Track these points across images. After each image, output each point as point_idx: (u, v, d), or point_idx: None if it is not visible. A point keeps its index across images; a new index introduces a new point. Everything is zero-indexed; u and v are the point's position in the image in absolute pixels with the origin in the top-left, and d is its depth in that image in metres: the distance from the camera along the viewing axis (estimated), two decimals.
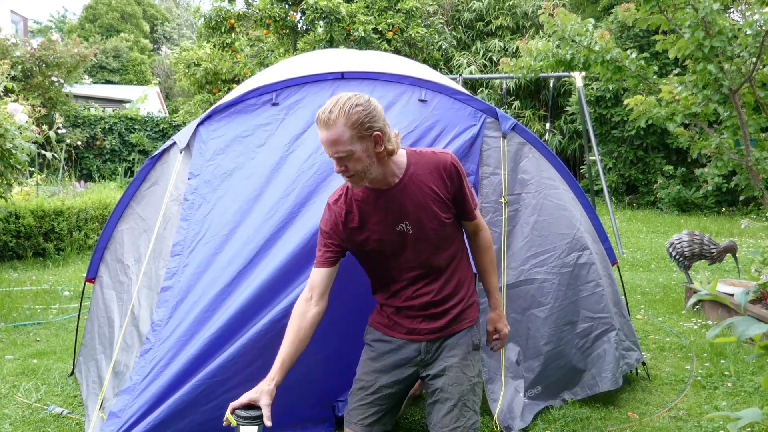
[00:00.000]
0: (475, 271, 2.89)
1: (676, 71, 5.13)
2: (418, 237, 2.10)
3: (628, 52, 4.79)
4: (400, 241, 2.11)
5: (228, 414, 1.99)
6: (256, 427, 1.98)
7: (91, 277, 3.42)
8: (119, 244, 3.25)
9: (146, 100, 20.95)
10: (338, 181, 2.72)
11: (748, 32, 4.12)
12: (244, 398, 2.01)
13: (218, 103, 3.15)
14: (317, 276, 2.16)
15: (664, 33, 4.63)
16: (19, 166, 4.99)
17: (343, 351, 2.57)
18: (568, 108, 14.22)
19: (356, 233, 2.12)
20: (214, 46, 15.23)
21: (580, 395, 3.12)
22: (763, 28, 4.06)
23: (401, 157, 2.11)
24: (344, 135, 1.92)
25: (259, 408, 2.01)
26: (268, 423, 1.98)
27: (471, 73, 14.26)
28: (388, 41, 13.14)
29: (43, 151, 6.01)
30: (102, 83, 28.84)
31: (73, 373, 3.48)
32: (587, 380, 3.13)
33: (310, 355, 2.64)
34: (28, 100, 9.93)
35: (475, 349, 2.26)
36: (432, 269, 2.15)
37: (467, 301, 2.24)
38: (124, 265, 3.11)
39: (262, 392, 2.01)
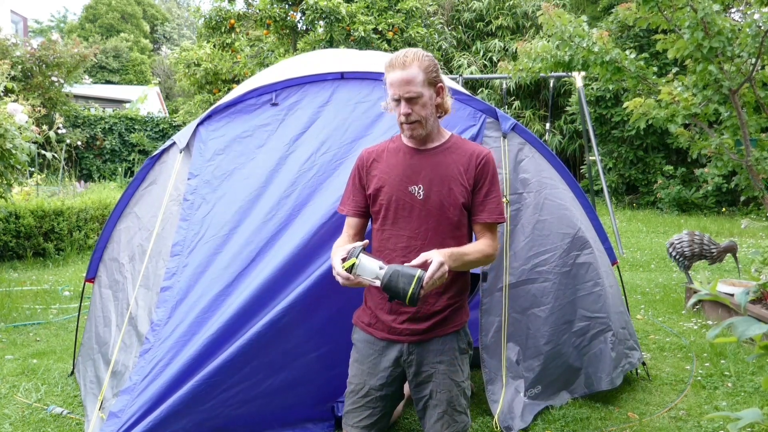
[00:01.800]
0: (478, 271, 2.90)
1: (675, 71, 5.13)
2: (425, 206, 2.11)
3: (628, 52, 4.79)
4: (406, 203, 2.12)
5: (345, 264, 1.95)
6: (362, 251, 1.98)
7: (91, 277, 3.42)
8: (116, 243, 3.25)
9: (146, 100, 20.93)
10: (338, 182, 2.72)
11: (748, 32, 4.12)
12: (343, 252, 2.00)
13: (218, 103, 3.15)
14: (352, 222, 2.26)
15: (664, 32, 4.63)
16: (19, 166, 4.99)
17: (341, 351, 2.56)
18: (568, 108, 14.21)
19: (373, 181, 2.19)
20: (214, 46, 15.23)
21: (578, 394, 3.13)
22: (762, 28, 4.06)
23: (446, 132, 2.22)
24: (418, 77, 2.05)
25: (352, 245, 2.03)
26: (365, 241, 2.06)
27: (471, 73, 14.26)
28: (388, 41, 13.13)
29: (43, 151, 6.00)
30: (102, 83, 28.83)
31: (73, 373, 3.48)
32: (584, 379, 3.13)
33: (309, 354, 2.65)
34: (28, 100, 9.92)
35: (462, 353, 2.23)
36: (425, 249, 2.12)
37: (456, 306, 2.21)
38: (119, 263, 3.11)
39: (347, 245, 2.07)
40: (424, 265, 1.95)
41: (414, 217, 2.13)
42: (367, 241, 2.09)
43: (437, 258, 1.94)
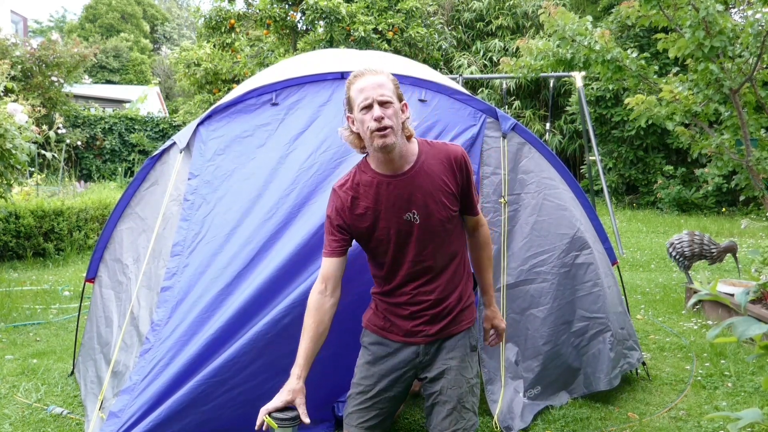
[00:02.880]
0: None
1: (675, 70, 5.13)
2: (425, 227, 2.09)
3: (629, 51, 4.80)
4: (406, 231, 2.09)
5: (266, 417, 2.00)
6: (291, 429, 2.01)
7: (91, 277, 3.42)
8: (118, 244, 3.25)
9: (146, 100, 20.94)
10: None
11: (749, 32, 4.13)
12: (278, 401, 2.02)
13: (218, 103, 3.15)
14: (329, 266, 2.13)
15: (665, 32, 4.63)
16: (19, 166, 4.99)
17: (343, 351, 2.56)
18: (568, 108, 14.21)
19: (362, 220, 2.09)
20: (214, 46, 15.23)
21: (577, 394, 3.13)
22: (764, 27, 4.06)
23: (413, 145, 2.12)
24: (388, 84, 2.03)
25: (293, 409, 2.04)
26: (306, 420, 2.01)
27: (471, 73, 14.25)
28: (388, 41, 13.13)
29: (43, 151, 6.01)
30: (102, 83, 28.82)
31: (73, 373, 3.48)
32: (583, 379, 3.13)
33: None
34: (28, 100, 9.92)
35: (473, 350, 2.25)
36: (434, 265, 2.13)
37: (465, 302, 2.22)
38: (123, 264, 3.11)
39: (294, 391, 2.04)
40: (497, 334, 2.42)
41: (415, 241, 2.11)
42: (306, 420, 2.03)
43: (501, 326, 2.41)
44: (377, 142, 1.99)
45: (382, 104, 1.98)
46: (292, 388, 2.04)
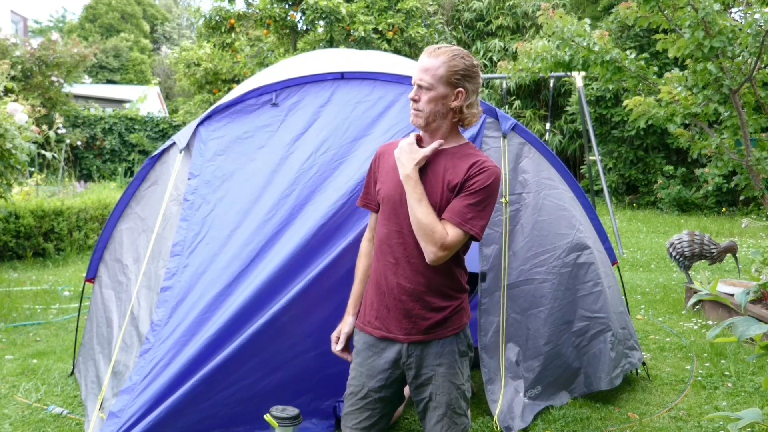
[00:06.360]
0: (477, 271, 2.89)
1: (674, 70, 5.13)
2: None
3: (628, 52, 4.80)
4: (401, 200, 2.10)
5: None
6: (291, 428, 2.15)
7: (91, 277, 3.42)
8: (118, 244, 3.25)
9: (146, 100, 20.91)
10: (338, 182, 2.72)
11: (749, 32, 4.13)
12: (333, 335, 2.24)
13: (218, 103, 3.15)
14: (372, 219, 2.29)
15: (665, 32, 4.63)
16: (18, 166, 4.99)
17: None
18: (568, 108, 14.21)
19: (380, 174, 2.20)
20: (214, 46, 15.22)
21: (577, 393, 3.13)
22: (763, 27, 4.06)
23: (464, 140, 2.19)
24: (438, 70, 2.04)
25: (294, 408, 2.22)
26: (338, 348, 2.24)
27: None
28: (388, 41, 13.13)
29: (43, 151, 6.01)
30: (102, 83, 28.81)
31: (73, 373, 3.48)
32: (584, 379, 3.13)
33: (308, 353, 2.65)
34: (28, 100, 9.92)
35: (463, 356, 2.22)
36: (415, 247, 2.11)
37: (454, 308, 2.19)
38: (123, 264, 3.11)
39: (343, 323, 2.26)
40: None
41: (405, 214, 2.11)
42: (338, 348, 2.23)
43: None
44: (411, 115, 2.13)
45: (420, 87, 2.06)
46: (342, 322, 2.26)
